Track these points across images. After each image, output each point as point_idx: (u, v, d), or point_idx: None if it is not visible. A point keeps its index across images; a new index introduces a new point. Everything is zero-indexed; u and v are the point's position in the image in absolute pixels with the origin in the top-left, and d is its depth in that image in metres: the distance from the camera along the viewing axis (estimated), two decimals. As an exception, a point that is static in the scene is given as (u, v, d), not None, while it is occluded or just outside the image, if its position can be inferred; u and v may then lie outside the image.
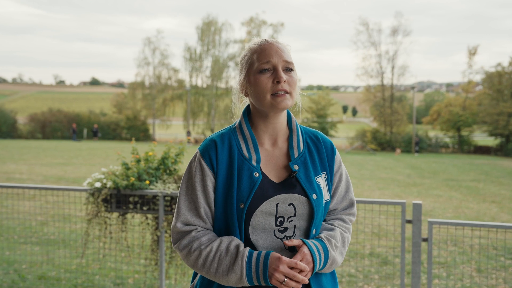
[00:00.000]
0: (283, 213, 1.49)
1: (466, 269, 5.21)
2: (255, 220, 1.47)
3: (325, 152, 1.62)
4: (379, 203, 3.36)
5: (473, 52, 41.23)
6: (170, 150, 3.94)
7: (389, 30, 53.92)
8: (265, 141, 1.57)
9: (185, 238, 1.50)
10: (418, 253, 3.21)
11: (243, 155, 1.52)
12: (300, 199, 1.50)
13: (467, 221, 3.26)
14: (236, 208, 1.47)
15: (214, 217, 1.52)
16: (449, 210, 9.36)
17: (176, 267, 3.89)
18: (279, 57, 1.51)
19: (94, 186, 3.76)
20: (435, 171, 18.48)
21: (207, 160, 1.51)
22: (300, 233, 1.52)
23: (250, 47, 1.57)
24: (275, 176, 1.53)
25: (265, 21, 44.14)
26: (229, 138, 1.55)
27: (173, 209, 3.64)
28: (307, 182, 1.52)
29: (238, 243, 1.46)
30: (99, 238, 3.90)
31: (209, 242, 1.48)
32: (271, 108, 1.50)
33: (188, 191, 1.53)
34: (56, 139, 40.25)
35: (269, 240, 1.48)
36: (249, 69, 1.54)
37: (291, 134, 1.60)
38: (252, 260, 1.42)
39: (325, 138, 1.66)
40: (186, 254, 1.49)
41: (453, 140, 40.49)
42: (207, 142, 1.55)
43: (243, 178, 1.49)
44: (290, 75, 1.51)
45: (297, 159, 1.55)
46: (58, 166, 15.63)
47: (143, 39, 56.02)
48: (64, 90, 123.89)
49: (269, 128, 1.56)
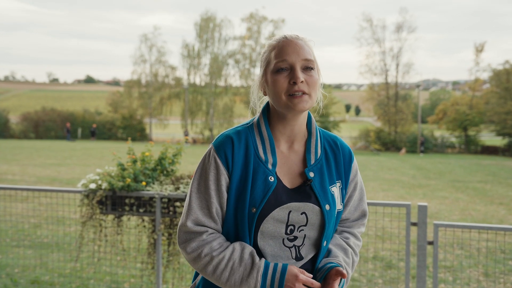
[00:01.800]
0: (295, 221, 1.47)
1: (473, 273, 5.20)
2: (265, 226, 1.45)
3: (342, 160, 1.59)
4: (383, 205, 3.36)
5: (480, 49, 41.24)
6: (168, 150, 3.94)
7: (393, 26, 54.03)
8: (281, 143, 1.54)
9: (194, 241, 1.47)
10: (423, 257, 3.21)
11: (259, 156, 1.49)
12: (314, 208, 1.48)
13: (474, 224, 3.26)
14: (248, 212, 1.45)
15: (224, 218, 1.50)
16: (455, 212, 9.36)
17: (174, 271, 3.88)
18: (297, 55, 1.46)
19: (88, 188, 3.76)
20: (441, 172, 18.48)
21: (223, 157, 1.48)
22: (310, 244, 1.50)
23: (270, 44, 1.53)
24: (288, 181, 1.50)
25: (265, 17, 44.19)
26: (246, 136, 1.51)
27: (170, 211, 3.64)
28: (321, 192, 1.49)
29: (251, 252, 1.44)
30: (94, 241, 3.89)
31: (221, 248, 1.45)
32: (287, 109, 1.46)
33: (200, 189, 1.50)
34: (50, 139, 40.25)
35: (277, 248, 1.47)
36: (267, 67, 1.51)
37: (309, 138, 1.56)
38: (268, 274, 1.40)
39: (344, 144, 1.63)
40: (195, 258, 1.46)
41: (459, 140, 40.49)
42: (222, 138, 1.51)
43: (258, 181, 1.46)
44: (309, 74, 1.46)
45: (313, 165, 1.52)
46: (51, 167, 15.63)
47: (139, 36, 56.14)
48: (58, 89, 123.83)
49: (287, 129, 1.53)
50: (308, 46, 1.51)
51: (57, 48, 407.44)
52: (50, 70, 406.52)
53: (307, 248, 1.50)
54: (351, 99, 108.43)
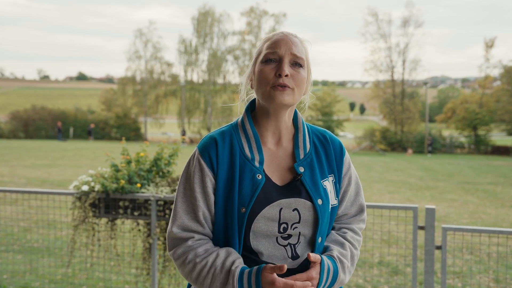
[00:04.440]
0: (287, 219, 1.48)
1: (483, 279, 5.21)
2: (256, 225, 1.47)
3: (333, 153, 1.61)
4: (389, 208, 3.36)
5: (490, 44, 41.28)
6: (163, 150, 3.94)
7: (399, 21, 54.00)
8: (268, 140, 1.57)
9: (181, 247, 1.50)
10: (431, 262, 3.21)
11: (245, 155, 1.52)
12: (305, 204, 1.50)
13: (484, 227, 3.27)
14: (237, 213, 1.47)
15: (213, 221, 1.52)
16: (464, 216, 9.36)
17: (170, 277, 3.89)
18: (288, 49, 1.50)
19: (81, 190, 3.76)
20: (449, 173, 18.50)
21: (207, 159, 1.51)
22: (305, 241, 1.52)
23: (266, 37, 1.58)
24: (278, 178, 1.53)
25: (266, 11, 44.22)
26: (230, 136, 1.55)
27: (166, 214, 3.64)
28: (312, 186, 1.51)
29: (234, 259, 1.45)
30: (86, 245, 3.89)
31: (205, 254, 1.47)
32: (268, 101, 1.49)
33: (186, 192, 1.53)
34: (40, 139, 40.26)
35: (271, 247, 1.49)
36: (257, 58, 1.56)
37: (296, 133, 1.59)
38: (244, 280, 1.42)
39: (333, 137, 1.65)
40: (180, 265, 1.50)
41: (469, 139, 40.51)
42: (206, 140, 1.55)
43: (245, 180, 1.49)
44: (297, 70, 1.50)
45: (302, 160, 1.55)
46: (42, 168, 15.64)
47: (134, 31, 56.25)
48: (48, 86, 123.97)
49: (271, 125, 1.56)
50: (303, 46, 1.56)
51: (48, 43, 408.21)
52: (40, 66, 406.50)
53: (302, 246, 1.51)
54: (356, 97, 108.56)
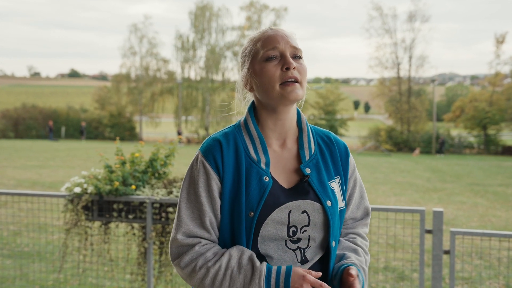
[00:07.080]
0: (296, 222, 1.49)
1: (493, 285, 5.21)
2: (265, 230, 1.47)
3: (338, 154, 1.63)
4: (395, 211, 3.36)
5: (500, 40, 41.25)
6: (159, 151, 3.94)
7: (405, 15, 53.92)
8: (273, 142, 1.57)
9: (187, 254, 1.47)
10: (439, 267, 3.21)
11: (251, 157, 1.52)
12: (314, 206, 1.50)
13: (494, 231, 3.27)
14: (245, 217, 1.46)
15: (219, 227, 1.51)
16: (474, 219, 9.36)
17: (166, 283, 3.88)
18: (286, 42, 1.51)
19: (73, 192, 3.76)
20: (458, 174, 18.49)
21: (212, 161, 1.50)
22: (315, 245, 1.52)
23: (252, 37, 1.58)
24: (284, 180, 1.53)
25: (266, 6, 44.28)
26: (234, 137, 1.54)
27: (162, 218, 3.64)
28: (320, 187, 1.52)
29: (250, 256, 1.44)
30: (78, 250, 3.89)
31: (216, 257, 1.45)
32: (280, 100, 1.49)
33: (190, 197, 1.51)
34: (31, 139, 40.26)
35: (280, 251, 1.49)
36: (253, 59, 1.54)
37: (301, 134, 1.60)
38: (271, 279, 1.41)
39: (338, 139, 1.67)
40: (190, 273, 1.47)
41: (478, 139, 40.50)
42: (209, 142, 1.54)
43: (252, 183, 1.48)
44: (299, 62, 1.52)
45: (308, 161, 1.56)
46: (32, 169, 15.64)
47: (128, 26, 56.02)
48: (39, 83, 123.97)
49: (277, 126, 1.56)
50: (293, 37, 1.57)
51: (39, 39, 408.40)
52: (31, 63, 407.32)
53: (312, 250, 1.52)
54: (360, 95, 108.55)
